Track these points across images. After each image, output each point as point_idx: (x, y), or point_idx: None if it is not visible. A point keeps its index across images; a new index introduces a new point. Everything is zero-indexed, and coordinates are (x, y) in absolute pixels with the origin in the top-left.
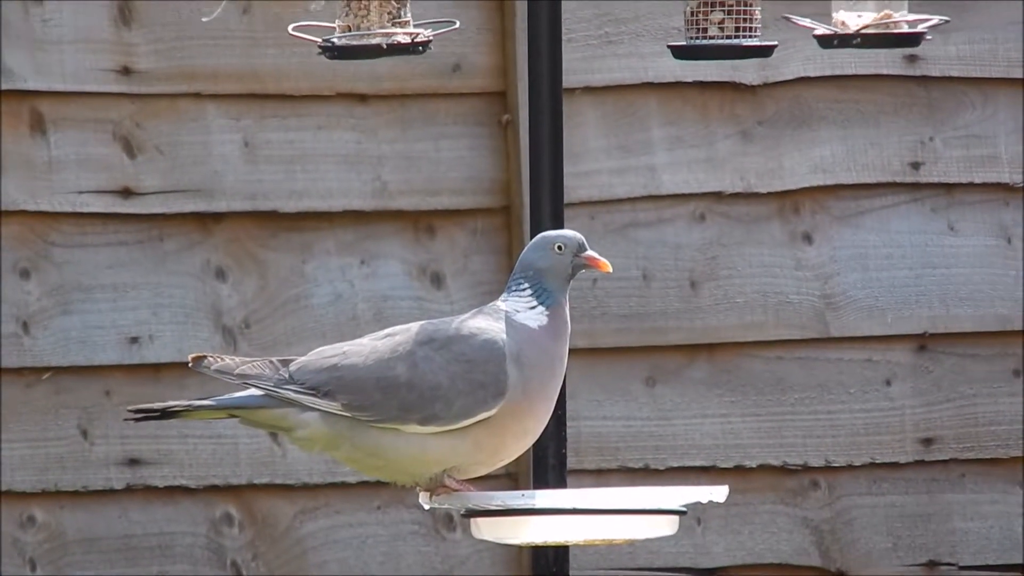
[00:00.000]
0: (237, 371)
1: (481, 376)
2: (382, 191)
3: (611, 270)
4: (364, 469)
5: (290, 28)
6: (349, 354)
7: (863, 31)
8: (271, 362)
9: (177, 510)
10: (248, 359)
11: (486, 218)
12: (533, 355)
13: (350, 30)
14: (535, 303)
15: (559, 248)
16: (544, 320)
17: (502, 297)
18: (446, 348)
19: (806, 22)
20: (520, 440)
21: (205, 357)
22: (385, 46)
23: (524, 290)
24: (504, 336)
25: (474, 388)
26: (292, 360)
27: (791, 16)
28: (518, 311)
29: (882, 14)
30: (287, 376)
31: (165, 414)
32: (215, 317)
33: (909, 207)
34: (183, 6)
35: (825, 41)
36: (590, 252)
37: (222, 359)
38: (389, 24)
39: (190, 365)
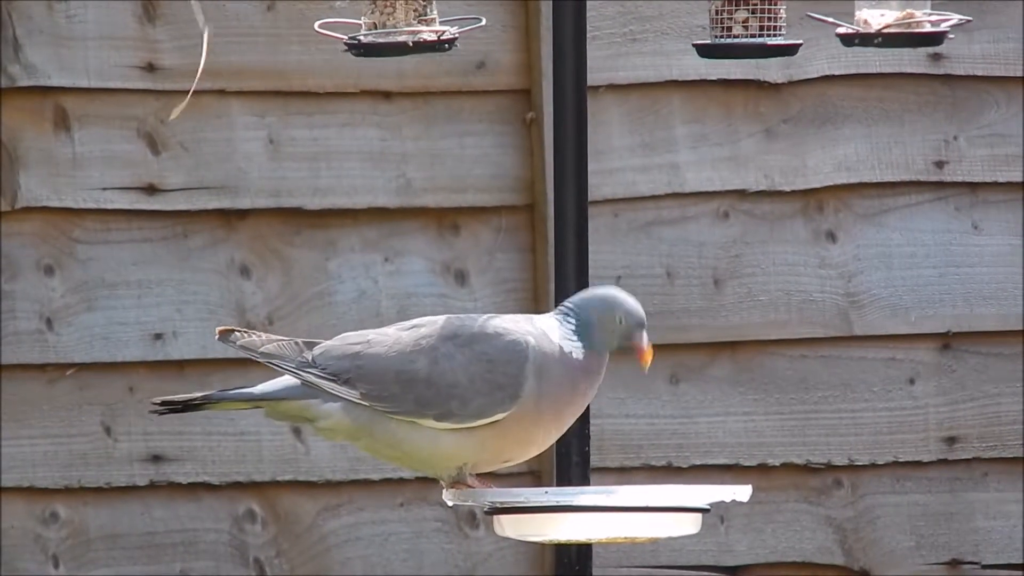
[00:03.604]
0: (261, 349)
1: (501, 378)
2: (406, 188)
3: (648, 364)
4: (384, 459)
5: (316, 25)
6: (372, 343)
7: (884, 30)
8: (295, 343)
9: (200, 507)
10: (274, 338)
11: (510, 215)
12: (556, 372)
13: (376, 27)
14: (575, 339)
15: (620, 320)
16: (580, 354)
17: (549, 315)
18: (468, 346)
19: (828, 20)
20: (523, 447)
21: (233, 331)
22: (411, 43)
23: (570, 323)
24: (531, 340)
25: (492, 389)
26: (317, 343)
27: (813, 14)
28: (558, 332)
29: (904, 13)
30: (309, 359)
31: (188, 406)
32: (239, 314)
33: (933, 206)
34: (207, 4)
35: (847, 40)
36: (642, 339)
37: (248, 335)
38: (415, 22)
39: (217, 338)
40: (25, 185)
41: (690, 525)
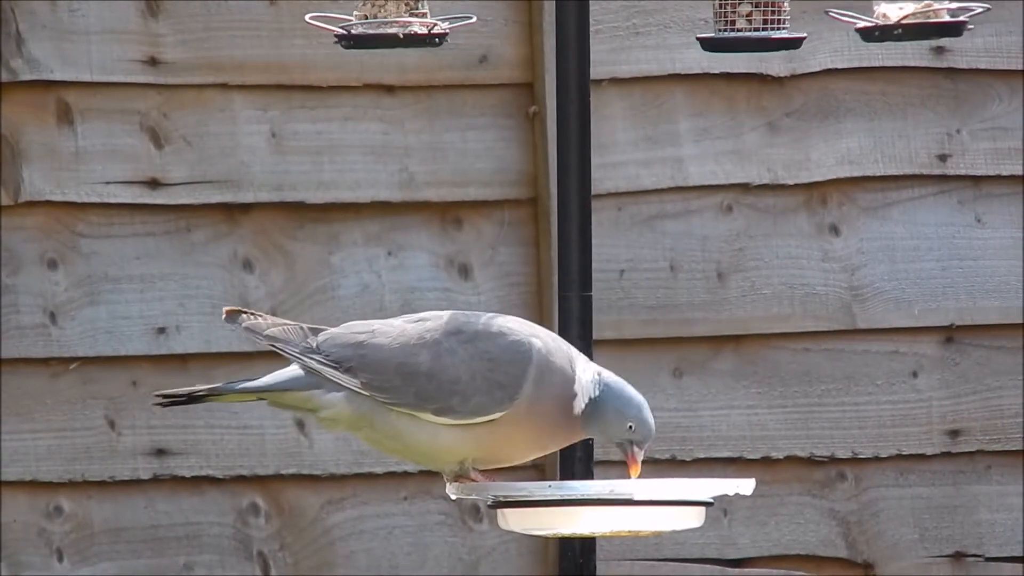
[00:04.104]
0: (266, 332)
1: (502, 377)
2: (409, 182)
3: (634, 476)
4: (386, 451)
5: (308, 16)
6: (377, 333)
7: (904, 21)
8: (301, 328)
9: (204, 500)
10: (279, 321)
11: (513, 209)
12: (557, 383)
13: (367, 19)
14: (585, 400)
15: (630, 427)
16: (578, 408)
17: (588, 361)
18: (472, 343)
19: (845, 17)
20: (514, 451)
21: (240, 312)
22: (401, 36)
23: (591, 386)
24: (536, 343)
25: (492, 388)
26: (323, 329)
27: (832, 11)
28: (585, 376)
29: (923, 4)
30: (314, 346)
31: (192, 399)
32: (242, 308)
33: (936, 199)
34: (210, 2)
35: (867, 34)
36: (638, 453)
37: (254, 317)
38: (406, 15)
39: (224, 319)
40: (28, 179)
41: (694, 518)
